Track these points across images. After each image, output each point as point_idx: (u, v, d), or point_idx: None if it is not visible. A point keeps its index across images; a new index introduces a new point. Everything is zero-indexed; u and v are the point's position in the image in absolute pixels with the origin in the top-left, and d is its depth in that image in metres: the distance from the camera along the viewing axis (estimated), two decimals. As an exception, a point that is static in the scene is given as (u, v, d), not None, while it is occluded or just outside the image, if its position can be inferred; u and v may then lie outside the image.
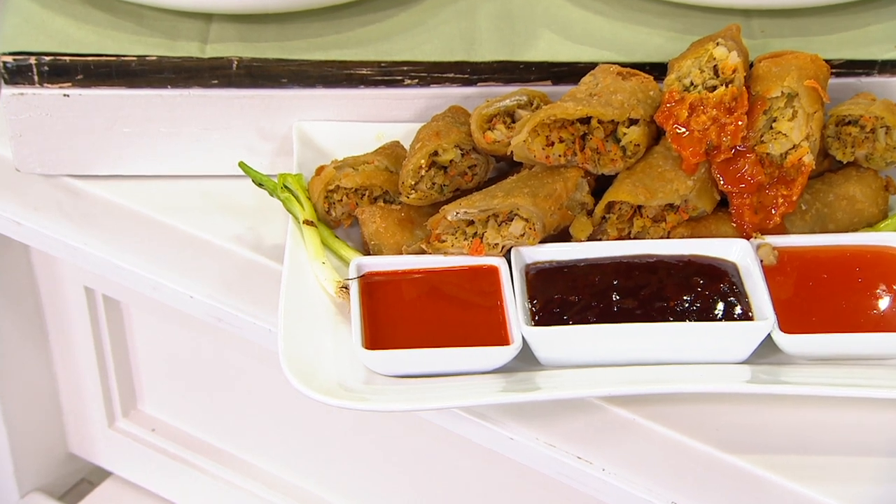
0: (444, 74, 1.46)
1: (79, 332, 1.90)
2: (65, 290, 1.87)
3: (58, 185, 1.52)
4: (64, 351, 1.95)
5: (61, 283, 1.86)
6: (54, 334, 1.95)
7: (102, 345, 1.89)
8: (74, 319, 1.89)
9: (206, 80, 1.44)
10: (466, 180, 1.35)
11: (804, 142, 1.26)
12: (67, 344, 1.94)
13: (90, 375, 1.94)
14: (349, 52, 1.46)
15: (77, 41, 1.42)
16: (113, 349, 1.90)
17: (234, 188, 1.48)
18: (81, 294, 1.85)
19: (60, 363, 1.97)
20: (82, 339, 1.90)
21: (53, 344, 1.96)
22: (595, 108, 1.28)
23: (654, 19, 1.50)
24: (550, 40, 1.48)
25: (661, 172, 1.28)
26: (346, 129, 1.47)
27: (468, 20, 1.51)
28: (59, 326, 1.93)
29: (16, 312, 1.90)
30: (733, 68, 1.28)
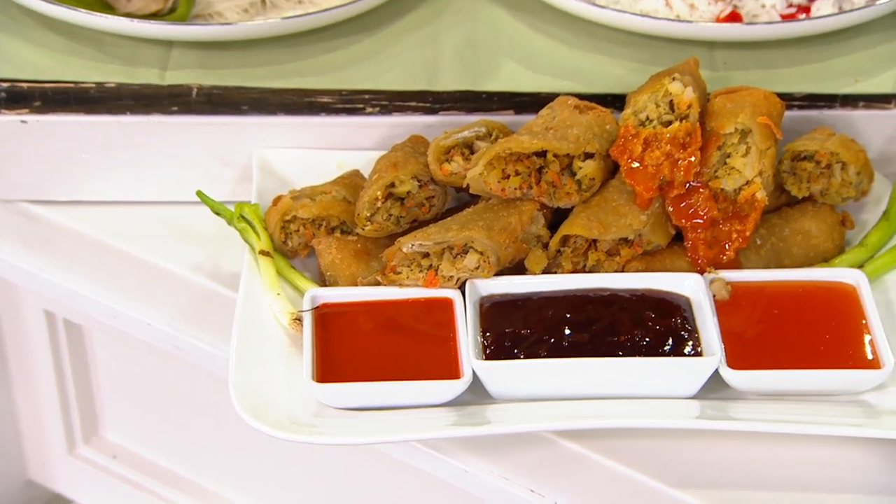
0: (406, 103, 1.54)
1: (39, 357, 1.97)
2: (24, 313, 1.94)
3: (16, 211, 1.59)
4: (23, 375, 2.02)
5: (21, 307, 1.93)
6: (13, 358, 2.02)
7: (63, 369, 1.96)
8: (34, 343, 1.96)
9: (166, 107, 1.52)
10: (424, 212, 1.43)
11: (757, 178, 1.34)
12: (27, 368, 2.00)
13: (50, 400, 2.01)
14: (311, 79, 1.54)
15: (35, 67, 1.50)
16: (74, 374, 1.96)
17: (193, 215, 1.55)
18: (41, 318, 1.91)
19: (19, 387, 2.04)
20: (42, 363, 1.97)
21: (12, 368, 2.03)
22: (550, 142, 1.36)
23: (618, 49, 1.59)
24: (513, 70, 1.56)
25: (615, 207, 1.35)
26: (306, 157, 1.55)
27: (432, 48, 1.59)
28: (18, 350, 2.00)
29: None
30: (688, 104, 1.36)
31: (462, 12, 1.65)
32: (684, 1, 1.56)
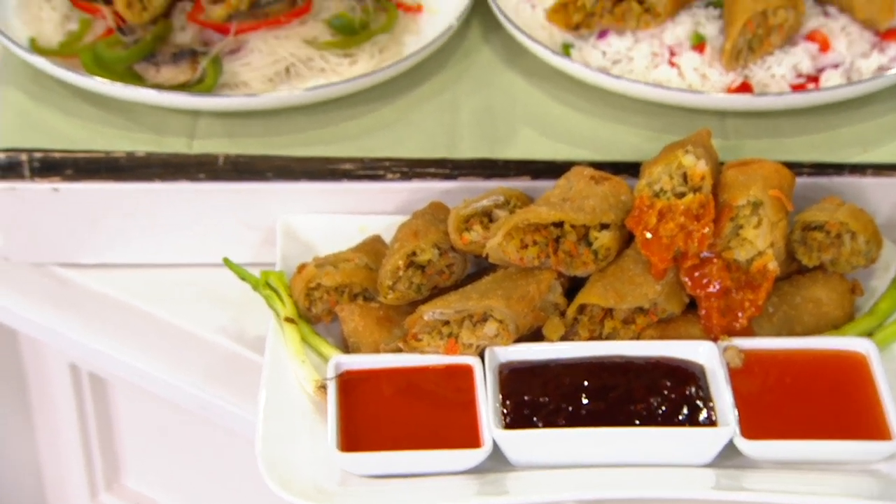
0: (425, 170, 1.57)
1: (63, 406, 1.99)
2: (50, 365, 1.96)
3: (46, 274, 1.62)
4: (47, 423, 2.04)
5: (46, 359, 1.95)
6: (38, 407, 2.04)
7: (86, 418, 1.98)
8: (59, 394, 1.98)
9: (193, 175, 1.55)
10: (444, 279, 1.45)
11: (769, 249, 1.36)
12: (51, 417, 2.02)
13: (73, 448, 2.02)
14: (333, 147, 1.56)
15: (67, 137, 1.53)
16: (97, 423, 1.98)
17: (218, 277, 1.57)
18: (66, 370, 1.94)
19: (43, 435, 2.06)
20: (66, 412, 1.99)
21: (37, 416, 2.05)
22: (567, 212, 1.38)
23: (632, 116, 1.61)
24: (529, 137, 1.59)
25: (631, 276, 1.37)
26: (329, 222, 1.58)
27: (450, 115, 1.62)
28: (42, 399, 2.02)
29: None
30: (701, 176, 1.38)
31: (479, 79, 1.67)
32: (696, 71, 1.58)
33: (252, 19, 1.62)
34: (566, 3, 1.63)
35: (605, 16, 1.62)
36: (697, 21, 1.62)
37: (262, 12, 1.62)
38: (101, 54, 1.56)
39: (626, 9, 1.61)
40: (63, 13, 1.63)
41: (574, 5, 1.63)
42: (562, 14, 1.64)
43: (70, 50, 1.58)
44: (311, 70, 1.62)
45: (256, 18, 1.62)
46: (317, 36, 1.63)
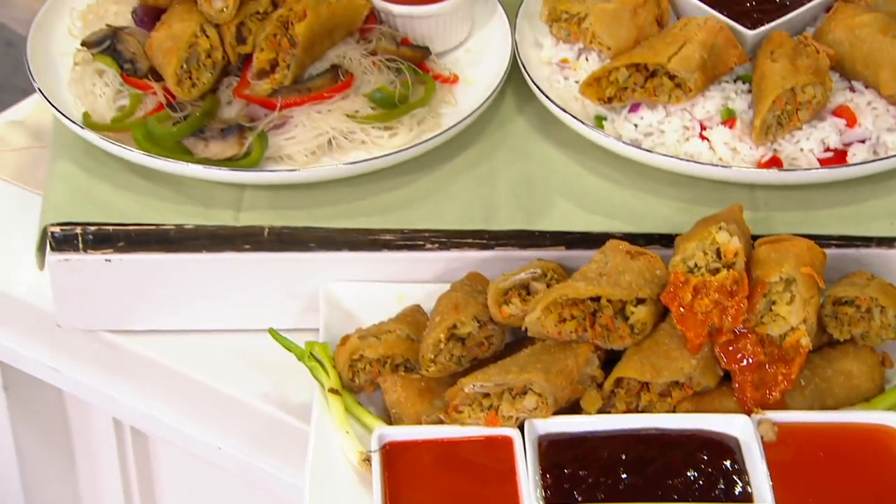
0: (463, 240, 1.60)
1: (106, 461, 2.01)
2: (94, 419, 1.98)
3: (96, 339, 1.65)
4: (90, 478, 2.06)
5: (91, 413, 1.98)
6: (81, 461, 2.06)
7: (128, 474, 2.00)
8: (102, 448, 2.00)
9: (239, 245, 1.58)
10: (483, 350, 1.47)
11: (802, 325, 1.38)
12: (94, 471, 2.05)
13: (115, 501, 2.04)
14: (374, 219, 1.59)
15: (119, 210, 1.56)
16: (139, 479, 2.00)
17: (261, 343, 1.60)
18: (110, 425, 1.96)
19: (86, 490, 2.08)
20: (109, 467, 2.01)
21: (80, 470, 2.07)
22: (605, 288, 1.40)
23: (664, 188, 1.63)
24: (564, 208, 1.61)
25: (666, 350, 1.39)
26: (369, 290, 1.60)
27: (487, 186, 1.64)
28: (86, 453, 2.04)
29: (44, 438, 2.01)
30: (734, 252, 1.40)
31: (514, 149, 1.70)
32: (726, 145, 1.60)
33: (296, 94, 1.65)
34: (599, 77, 1.66)
35: (637, 90, 1.64)
36: (727, 95, 1.64)
37: (305, 87, 1.65)
38: (152, 130, 1.59)
39: (658, 84, 1.63)
40: (115, 88, 1.66)
41: (607, 79, 1.66)
42: (595, 87, 1.66)
43: (122, 125, 1.61)
44: (353, 142, 1.65)
45: (300, 93, 1.65)
46: (358, 110, 1.66)
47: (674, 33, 1.65)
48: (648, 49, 1.65)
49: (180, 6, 1.67)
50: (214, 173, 1.56)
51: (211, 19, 1.64)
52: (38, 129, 1.94)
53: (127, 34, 1.69)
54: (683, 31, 1.64)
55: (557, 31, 1.78)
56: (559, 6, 1.78)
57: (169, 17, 1.66)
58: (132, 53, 1.66)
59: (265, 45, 1.64)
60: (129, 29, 1.70)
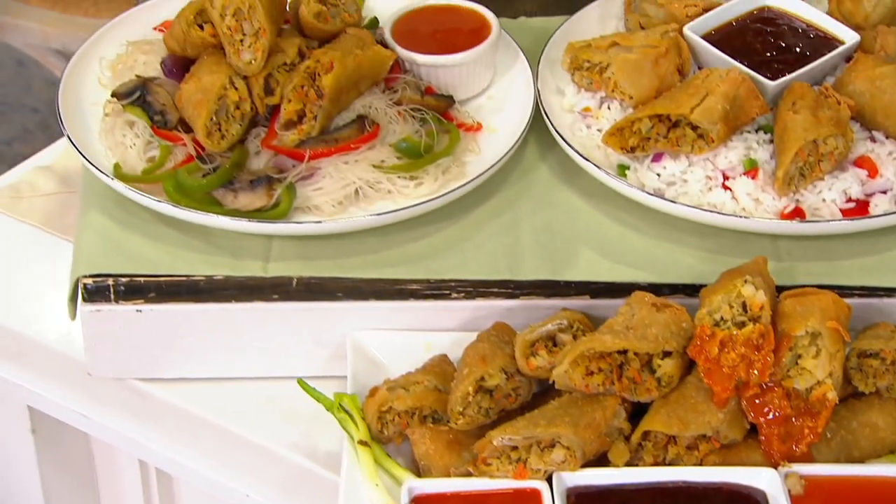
0: (489, 290, 1.60)
1: (131, 500, 2.01)
2: (120, 462, 1.99)
3: (126, 387, 1.66)
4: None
5: (117, 455, 1.98)
6: (106, 499, 2.06)
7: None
8: (128, 491, 2.00)
9: (268, 295, 1.59)
10: (511, 402, 1.47)
11: (828, 379, 1.38)
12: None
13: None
14: (400, 269, 1.60)
15: (150, 261, 1.57)
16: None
17: (289, 391, 1.60)
18: (136, 468, 1.96)
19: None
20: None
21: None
22: (631, 341, 1.40)
23: (687, 237, 1.63)
24: (588, 258, 1.61)
25: (693, 404, 1.39)
26: (396, 339, 1.60)
27: (512, 235, 1.64)
28: (111, 495, 2.04)
29: (70, 479, 2.02)
30: (760, 306, 1.40)
31: (538, 198, 1.70)
32: (749, 195, 1.60)
33: (323, 145, 1.65)
34: (622, 127, 1.67)
35: (660, 140, 1.65)
36: (749, 146, 1.65)
37: (332, 138, 1.66)
38: (183, 182, 1.60)
39: (681, 134, 1.64)
40: (145, 139, 1.67)
41: (630, 129, 1.66)
42: (618, 137, 1.67)
43: (153, 177, 1.62)
44: (379, 192, 1.66)
45: (327, 144, 1.66)
46: (384, 160, 1.67)
47: (696, 84, 1.66)
48: (671, 100, 1.65)
49: (209, 58, 1.69)
50: (243, 225, 1.57)
51: (239, 71, 1.66)
52: (65, 174, 1.95)
53: (156, 85, 1.70)
54: (706, 83, 1.65)
55: (579, 79, 1.79)
56: (581, 55, 1.79)
57: (198, 69, 1.68)
58: (162, 105, 1.67)
59: (292, 97, 1.65)
60: (159, 80, 1.72)
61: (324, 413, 1.54)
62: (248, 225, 1.57)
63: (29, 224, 1.88)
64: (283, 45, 1.69)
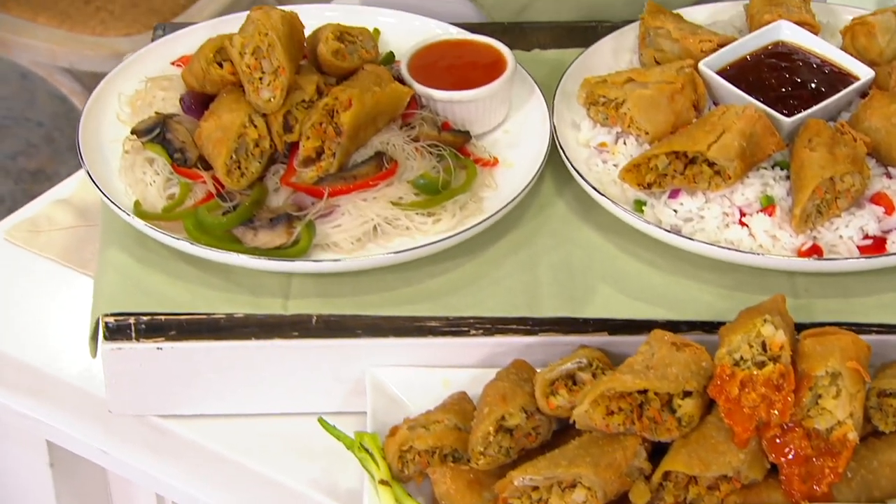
0: (507, 326, 1.60)
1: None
2: (137, 494, 1.98)
3: (145, 424, 1.66)
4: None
5: (135, 490, 1.98)
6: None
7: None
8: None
9: (287, 333, 1.59)
10: (531, 441, 1.47)
11: (848, 419, 1.38)
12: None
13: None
14: (419, 306, 1.60)
15: (171, 299, 1.58)
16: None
17: (308, 428, 1.60)
18: (153, 500, 1.96)
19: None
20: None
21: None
22: (652, 381, 1.40)
23: (704, 273, 1.64)
24: (607, 295, 1.61)
25: (714, 444, 1.39)
26: (414, 375, 1.60)
27: (530, 272, 1.65)
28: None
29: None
30: (780, 345, 1.40)
31: (556, 235, 1.71)
32: (766, 232, 1.60)
33: (342, 182, 1.66)
34: (639, 163, 1.67)
35: (676, 177, 1.65)
36: (765, 182, 1.65)
37: (350, 175, 1.67)
38: (203, 220, 1.60)
39: (698, 171, 1.64)
40: (165, 176, 1.67)
41: (647, 166, 1.67)
42: (634, 173, 1.67)
43: (173, 215, 1.63)
44: (397, 228, 1.66)
45: (346, 181, 1.66)
46: (402, 196, 1.67)
47: (712, 121, 1.66)
48: (688, 137, 1.66)
49: (228, 96, 1.69)
50: (263, 264, 1.57)
51: (259, 109, 1.66)
52: (83, 207, 1.96)
53: (176, 122, 1.70)
54: (722, 120, 1.65)
55: (595, 114, 1.80)
56: (596, 90, 1.79)
57: (217, 106, 1.68)
58: (181, 142, 1.68)
59: (311, 134, 1.66)
60: (178, 117, 1.72)
61: (344, 449, 1.54)
62: (268, 263, 1.57)
63: (47, 258, 1.88)
64: (301, 83, 1.70)
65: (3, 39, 3.19)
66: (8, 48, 3.21)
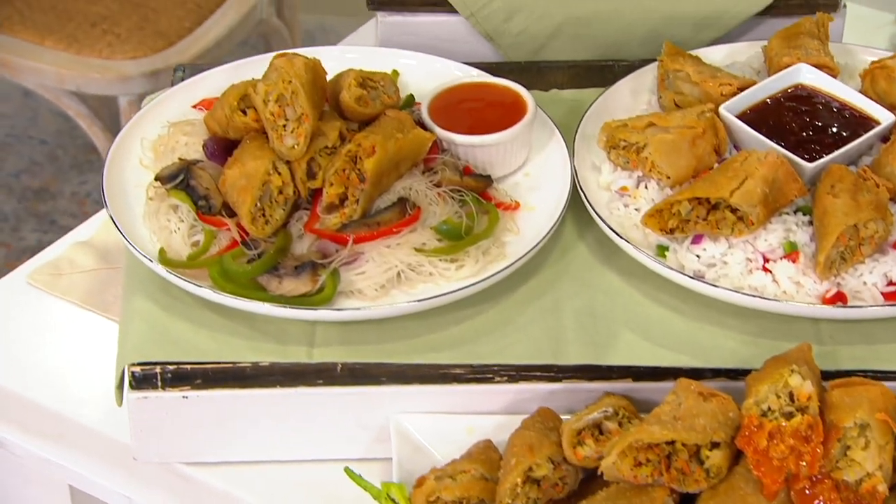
0: (531, 374, 1.60)
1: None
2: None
3: (170, 471, 1.65)
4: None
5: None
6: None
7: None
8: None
9: (312, 381, 1.59)
10: (557, 491, 1.47)
11: (877, 471, 1.37)
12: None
13: None
14: (444, 354, 1.60)
15: (197, 348, 1.58)
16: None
17: (334, 475, 1.59)
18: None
19: None
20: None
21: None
22: (679, 432, 1.40)
23: (728, 319, 1.63)
24: (630, 341, 1.61)
25: (742, 495, 1.39)
26: (439, 422, 1.60)
27: (553, 318, 1.65)
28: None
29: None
30: (808, 396, 1.40)
31: (577, 279, 1.70)
32: (790, 279, 1.60)
33: (366, 229, 1.66)
34: (661, 208, 1.67)
35: (699, 222, 1.65)
36: (788, 228, 1.65)
37: (374, 221, 1.67)
38: (228, 268, 1.60)
39: (721, 217, 1.64)
40: (189, 223, 1.67)
41: (669, 211, 1.67)
42: (657, 219, 1.67)
43: (198, 263, 1.63)
44: (421, 274, 1.66)
45: (370, 228, 1.66)
46: (425, 242, 1.67)
47: (735, 167, 1.66)
48: (710, 183, 1.66)
49: (251, 142, 1.70)
50: (288, 312, 1.58)
51: (283, 156, 1.67)
52: (104, 249, 1.96)
53: (199, 168, 1.71)
54: (744, 166, 1.66)
55: (615, 157, 1.80)
56: (617, 134, 1.79)
57: (241, 154, 1.69)
58: (205, 189, 1.68)
59: (335, 180, 1.66)
60: (202, 163, 1.73)
61: (369, 497, 1.54)
62: (293, 312, 1.57)
63: (69, 301, 1.88)
64: (324, 129, 1.70)
65: (11, 63, 3.20)
66: (15, 71, 3.22)
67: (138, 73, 3.14)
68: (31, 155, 3.32)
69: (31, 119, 3.52)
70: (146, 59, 3.15)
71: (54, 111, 3.24)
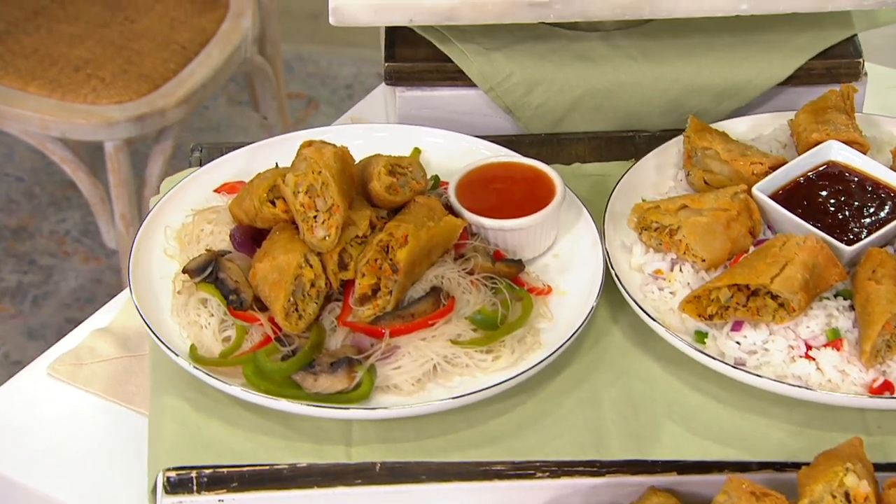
0: (574, 469, 1.56)
1: None
2: None
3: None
4: None
5: None
6: None
7: None
8: None
9: (351, 481, 1.55)
10: None
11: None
12: None
13: None
14: (484, 450, 1.57)
15: (232, 450, 1.54)
16: None
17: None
18: None
19: None
20: None
21: None
22: (736, 536, 1.37)
23: (772, 408, 1.61)
24: (673, 433, 1.58)
25: None
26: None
27: (593, 409, 1.62)
28: None
29: None
30: (865, 496, 1.37)
31: (614, 366, 1.68)
32: (835, 367, 1.58)
33: (399, 320, 1.63)
34: (699, 295, 1.65)
35: (739, 309, 1.63)
36: (829, 313, 1.62)
37: (408, 313, 1.64)
38: (263, 366, 1.57)
39: (761, 304, 1.61)
40: (220, 318, 1.64)
41: (707, 298, 1.64)
42: (695, 305, 1.65)
43: (231, 360, 1.59)
44: (457, 367, 1.62)
45: (403, 319, 1.63)
46: (460, 334, 1.64)
47: (774, 252, 1.64)
48: (749, 269, 1.64)
49: (281, 234, 1.67)
50: (327, 412, 1.54)
51: (314, 248, 1.63)
52: (125, 336, 1.91)
53: (228, 260, 1.67)
54: (783, 251, 1.64)
55: (647, 238, 1.77)
56: (649, 216, 1.77)
57: (271, 246, 1.65)
58: (235, 282, 1.65)
59: (367, 271, 1.63)
60: (230, 255, 1.69)
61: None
62: (331, 412, 1.54)
63: (91, 393, 1.84)
64: (354, 218, 1.67)
65: (-6, 111, 3.12)
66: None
67: (124, 118, 3.06)
68: (7, 192, 3.22)
69: (6, 156, 3.42)
70: (131, 103, 3.07)
71: (30, 147, 3.13)
